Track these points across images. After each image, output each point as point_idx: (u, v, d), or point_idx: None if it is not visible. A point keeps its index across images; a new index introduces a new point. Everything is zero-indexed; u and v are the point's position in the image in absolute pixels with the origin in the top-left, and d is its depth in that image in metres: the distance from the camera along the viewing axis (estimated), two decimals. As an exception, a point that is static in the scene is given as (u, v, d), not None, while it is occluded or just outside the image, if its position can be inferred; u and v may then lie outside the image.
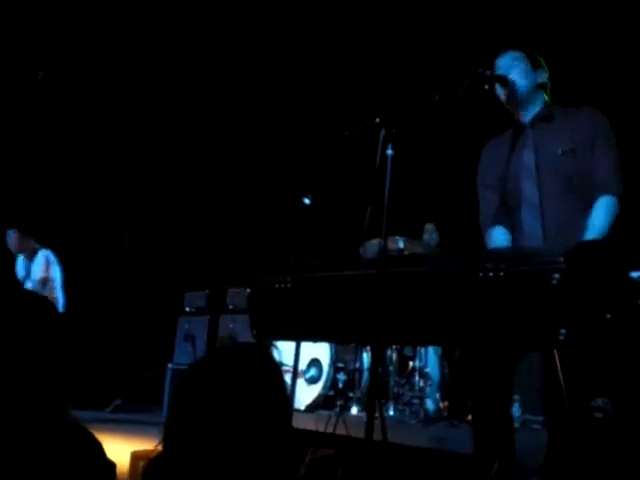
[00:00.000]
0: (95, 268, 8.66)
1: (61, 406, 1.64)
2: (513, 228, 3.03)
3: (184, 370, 1.45)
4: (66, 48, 7.91)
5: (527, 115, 3.06)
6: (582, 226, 2.79)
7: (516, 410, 4.75)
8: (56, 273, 7.01)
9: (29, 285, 6.91)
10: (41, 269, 6.94)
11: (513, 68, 3.01)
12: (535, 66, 3.06)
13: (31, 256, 7.03)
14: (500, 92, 3.04)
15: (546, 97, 3.09)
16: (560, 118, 3.03)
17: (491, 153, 3.17)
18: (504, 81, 2.97)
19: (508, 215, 3.04)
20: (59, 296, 6.97)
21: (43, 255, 6.98)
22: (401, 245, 5.60)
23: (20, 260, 7.16)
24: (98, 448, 1.62)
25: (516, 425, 4.57)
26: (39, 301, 1.73)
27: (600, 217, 2.80)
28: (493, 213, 3.07)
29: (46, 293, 6.72)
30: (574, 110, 3.04)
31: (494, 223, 3.04)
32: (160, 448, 1.40)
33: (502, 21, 6.39)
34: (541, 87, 3.08)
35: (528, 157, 3.00)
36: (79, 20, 7.63)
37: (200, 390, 1.37)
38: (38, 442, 1.52)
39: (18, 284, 6.94)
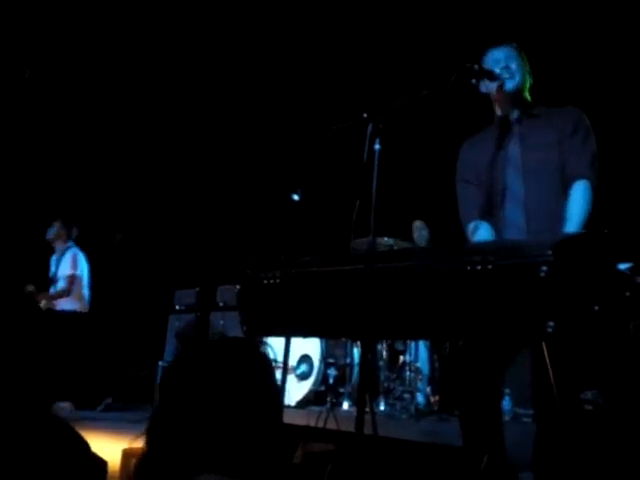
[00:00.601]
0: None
1: (44, 404, 1.63)
2: (496, 220, 3.03)
3: (169, 364, 1.44)
4: (54, 45, 7.88)
5: (514, 111, 3.07)
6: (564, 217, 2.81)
7: (506, 403, 4.77)
8: (83, 271, 7.23)
9: (58, 281, 7.13)
10: (69, 266, 7.14)
11: (512, 59, 3.03)
12: (525, 61, 3.10)
13: (62, 251, 7.25)
14: (490, 87, 3.04)
15: (529, 95, 3.12)
16: (545, 115, 3.04)
17: (472, 149, 3.18)
18: (492, 75, 2.97)
19: (492, 209, 3.04)
20: (85, 293, 7.23)
21: (72, 253, 7.21)
22: (391, 244, 5.62)
23: (54, 257, 7.35)
24: (84, 446, 1.61)
25: (506, 418, 4.59)
26: (20, 301, 1.72)
27: (578, 204, 2.81)
28: (476, 208, 3.07)
29: (75, 291, 7.09)
30: (557, 109, 3.06)
31: (478, 218, 3.05)
32: (142, 442, 1.39)
33: (490, 16, 6.40)
34: (528, 84, 3.10)
35: (514, 149, 3.01)
36: (67, 17, 7.60)
37: (187, 384, 1.36)
38: (22, 442, 1.51)
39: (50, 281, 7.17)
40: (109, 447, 4.32)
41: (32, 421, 1.56)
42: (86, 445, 1.62)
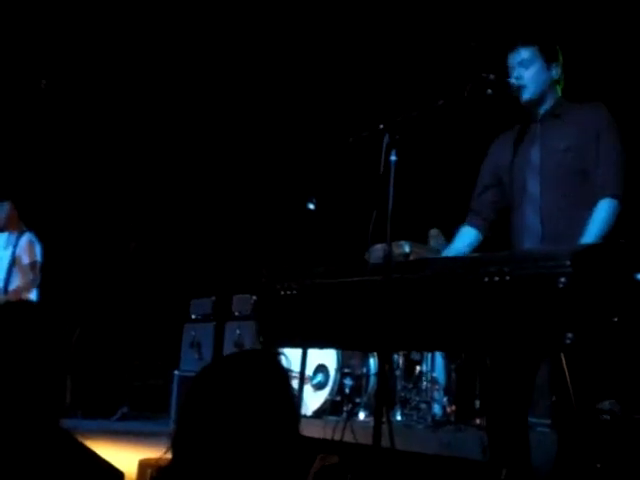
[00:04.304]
0: (101, 275, 8.68)
1: (52, 418, 1.63)
2: (514, 224, 3.03)
3: (193, 377, 1.44)
4: (68, 55, 7.95)
5: (539, 112, 3.01)
6: (581, 224, 2.76)
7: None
8: (40, 256, 6.22)
9: (14, 271, 6.11)
10: (26, 253, 6.10)
11: (529, 64, 2.94)
12: (550, 60, 2.98)
13: (15, 237, 6.19)
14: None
15: (559, 91, 3.03)
16: (567, 114, 2.97)
17: (498, 147, 3.17)
18: (507, 86, 2.95)
19: (511, 209, 3.05)
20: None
21: (27, 238, 6.18)
22: (407, 249, 5.58)
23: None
24: (95, 458, 1.60)
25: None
26: (28, 310, 1.72)
27: (598, 223, 2.75)
28: (476, 209, 3.17)
29: (30, 279, 6.10)
30: (580, 106, 2.99)
31: (469, 222, 3.17)
32: (168, 456, 1.39)
33: (505, 25, 6.39)
34: (555, 82, 3.01)
35: (534, 153, 2.97)
36: (80, 27, 7.67)
37: (209, 397, 1.37)
38: (33, 458, 1.50)
39: None
40: (125, 457, 4.32)
41: (42, 436, 1.55)
42: (97, 457, 1.62)
